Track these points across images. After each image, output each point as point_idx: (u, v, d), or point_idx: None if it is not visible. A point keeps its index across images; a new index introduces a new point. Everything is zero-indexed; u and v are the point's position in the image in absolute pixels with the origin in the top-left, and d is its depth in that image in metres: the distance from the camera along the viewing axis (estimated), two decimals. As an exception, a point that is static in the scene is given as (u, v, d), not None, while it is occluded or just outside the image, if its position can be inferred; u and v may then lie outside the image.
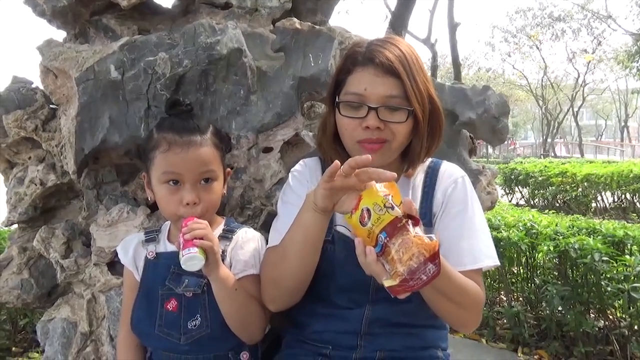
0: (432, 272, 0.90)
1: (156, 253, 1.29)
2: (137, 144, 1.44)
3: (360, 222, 0.98)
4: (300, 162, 1.40)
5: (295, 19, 1.61)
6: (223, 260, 1.20)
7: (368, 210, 0.97)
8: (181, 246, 1.10)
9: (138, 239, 1.34)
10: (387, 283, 0.92)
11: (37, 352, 2.85)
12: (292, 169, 1.38)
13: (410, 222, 0.94)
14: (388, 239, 0.93)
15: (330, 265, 1.23)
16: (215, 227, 1.28)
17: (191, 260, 1.08)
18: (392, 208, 0.95)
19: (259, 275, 1.26)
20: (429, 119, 1.22)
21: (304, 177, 1.32)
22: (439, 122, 1.25)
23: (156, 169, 1.22)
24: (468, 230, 1.20)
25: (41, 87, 1.56)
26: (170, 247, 1.29)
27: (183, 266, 1.09)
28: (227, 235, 1.28)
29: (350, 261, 1.22)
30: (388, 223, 0.94)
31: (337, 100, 1.23)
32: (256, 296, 1.24)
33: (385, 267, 0.93)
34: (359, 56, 1.19)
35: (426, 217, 1.23)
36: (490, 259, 1.20)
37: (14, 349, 2.94)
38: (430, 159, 1.32)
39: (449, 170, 1.30)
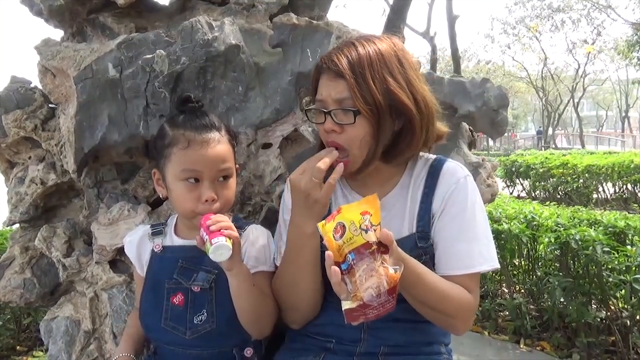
0: (387, 306, 0.93)
1: (163, 246, 1.30)
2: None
3: (333, 234, 0.98)
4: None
5: (292, 15, 1.61)
6: None
7: (343, 226, 0.97)
8: (206, 238, 1.08)
9: (143, 232, 1.34)
10: (345, 305, 0.94)
11: (42, 351, 2.87)
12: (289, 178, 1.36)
13: (380, 249, 0.95)
14: (354, 261, 0.94)
15: None
16: None
17: (220, 249, 1.06)
18: (366, 231, 0.96)
19: (269, 272, 1.27)
20: (405, 118, 1.16)
21: None
22: (412, 120, 1.16)
23: (173, 165, 1.21)
24: (466, 233, 1.18)
25: (40, 86, 1.56)
26: (178, 241, 1.30)
27: (211, 256, 1.07)
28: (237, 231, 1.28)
29: None
30: (358, 246, 0.95)
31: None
32: (267, 292, 1.24)
33: (347, 287, 0.95)
34: (321, 63, 1.20)
35: (425, 218, 1.21)
36: (487, 263, 1.18)
37: (18, 347, 2.96)
38: (434, 156, 1.29)
39: (451, 170, 1.24)
